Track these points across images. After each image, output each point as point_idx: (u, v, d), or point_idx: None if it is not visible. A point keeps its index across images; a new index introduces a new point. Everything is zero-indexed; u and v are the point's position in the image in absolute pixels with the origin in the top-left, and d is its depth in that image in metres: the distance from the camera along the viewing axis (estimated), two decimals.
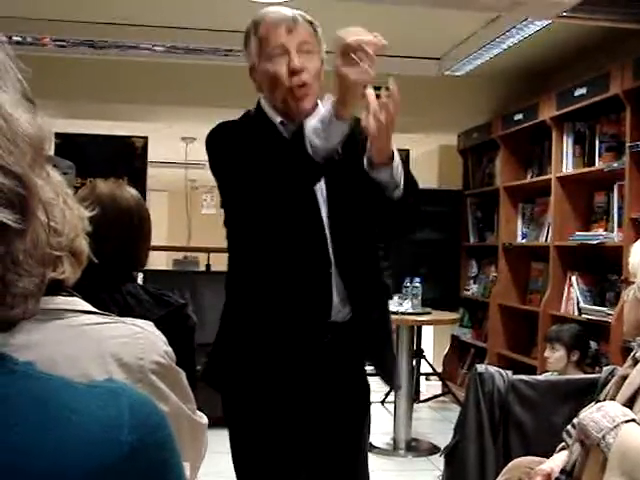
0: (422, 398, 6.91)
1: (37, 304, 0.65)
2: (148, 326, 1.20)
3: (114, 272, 2.02)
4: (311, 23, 2.13)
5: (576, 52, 5.55)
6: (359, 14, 4.76)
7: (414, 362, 6.23)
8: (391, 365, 2.30)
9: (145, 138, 7.34)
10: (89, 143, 7.09)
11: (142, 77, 6.07)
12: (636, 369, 1.87)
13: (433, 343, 7.57)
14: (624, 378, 1.90)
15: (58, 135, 6.86)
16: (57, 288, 1.07)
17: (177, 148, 9.41)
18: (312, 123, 1.91)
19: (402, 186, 2.01)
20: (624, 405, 1.79)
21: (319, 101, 2.11)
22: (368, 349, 2.19)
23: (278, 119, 2.11)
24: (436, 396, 6.91)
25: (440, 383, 6.99)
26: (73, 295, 1.15)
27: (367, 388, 2.25)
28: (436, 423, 6.30)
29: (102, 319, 1.14)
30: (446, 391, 6.85)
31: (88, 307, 1.16)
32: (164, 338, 1.22)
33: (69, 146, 6.85)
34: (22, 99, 0.66)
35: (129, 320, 1.20)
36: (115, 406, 0.66)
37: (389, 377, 2.30)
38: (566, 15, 4.11)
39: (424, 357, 6.85)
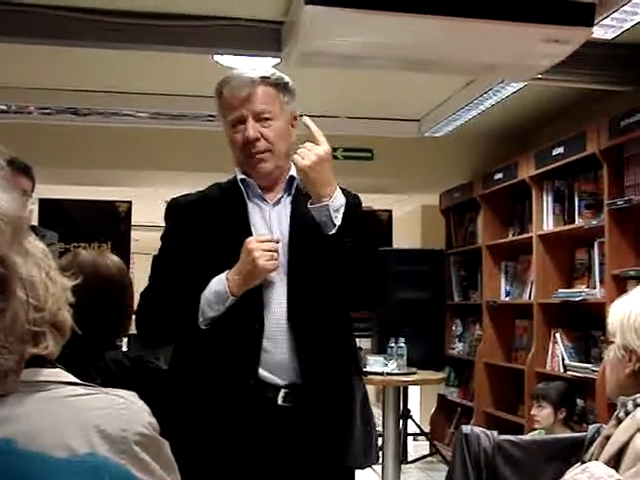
0: (410, 459, 6.85)
1: (17, 379, 0.65)
2: (131, 397, 1.20)
3: (97, 340, 2.02)
4: (276, 84, 2.17)
5: (553, 112, 5.66)
6: (339, 79, 4.85)
7: (401, 422, 6.18)
8: (346, 438, 2.13)
9: (129, 202, 7.37)
10: (73, 208, 7.11)
11: (126, 143, 6.12)
12: (619, 429, 1.87)
13: (420, 403, 7.53)
14: (608, 438, 1.90)
15: (42, 200, 6.87)
16: (40, 363, 1.07)
17: (161, 212, 9.40)
18: (207, 295, 2.02)
19: (337, 227, 2.05)
20: (608, 465, 1.78)
21: (290, 163, 2.18)
22: (321, 415, 2.10)
23: (240, 176, 2.19)
24: (424, 456, 6.85)
25: (428, 443, 6.93)
26: (56, 366, 1.15)
27: (330, 455, 2.11)
28: None
29: (85, 390, 1.14)
30: (434, 451, 6.79)
31: (71, 378, 1.15)
32: (148, 408, 1.21)
33: (53, 211, 6.87)
34: (0, 179, 0.67)
35: (112, 391, 1.19)
36: None
37: (339, 451, 2.12)
38: (541, 77, 4.19)
39: (411, 417, 6.80)
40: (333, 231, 2.06)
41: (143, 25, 3.86)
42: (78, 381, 1.16)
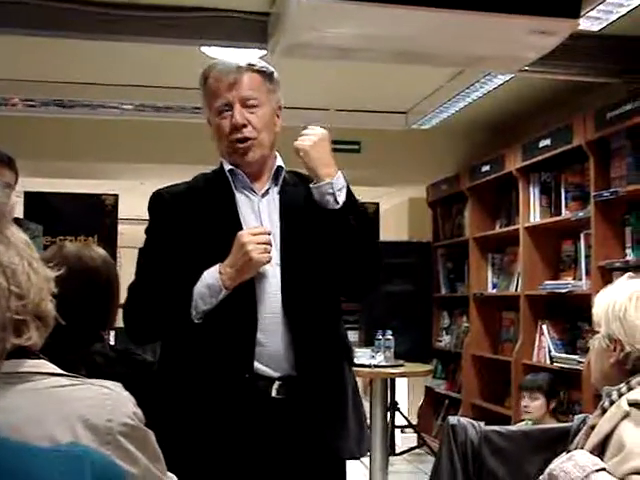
0: (398, 451, 6.86)
1: None
2: (116, 387, 1.20)
3: (82, 332, 2.01)
4: (262, 72, 2.17)
5: (540, 104, 5.66)
6: (327, 71, 4.84)
7: (389, 415, 6.19)
8: (341, 429, 2.14)
9: (116, 196, 7.34)
10: (59, 201, 7.07)
11: (111, 135, 6.10)
12: (603, 418, 1.88)
13: (407, 395, 7.54)
14: (593, 427, 1.92)
15: (28, 194, 6.84)
16: (24, 354, 1.07)
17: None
18: (200, 288, 2.00)
19: (343, 203, 2.10)
20: (592, 454, 1.80)
21: (276, 153, 2.21)
22: (316, 406, 2.09)
23: (227, 167, 2.17)
24: (412, 448, 6.86)
25: (415, 435, 6.95)
26: (40, 358, 1.15)
27: (326, 446, 2.11)
28: (412, 476, 6.26)
29: (69, 381, 1.14)
30: (422, 443, 6.81)
31: (55, 369, 1.15)
32: (133, 399, 1.21)
33: (39, 205, 6.84)
34: None
35: (97, 381, 1.19)
36: (77, 470, 0.66)
37: (335, 442, 2.13)
38: (528, 70, 4.19)
39: (399, 409, 6.81)
40: (338, 206, 2.08)
41: (129, 16, 3.83)
42: (62, 372, 1.16)
